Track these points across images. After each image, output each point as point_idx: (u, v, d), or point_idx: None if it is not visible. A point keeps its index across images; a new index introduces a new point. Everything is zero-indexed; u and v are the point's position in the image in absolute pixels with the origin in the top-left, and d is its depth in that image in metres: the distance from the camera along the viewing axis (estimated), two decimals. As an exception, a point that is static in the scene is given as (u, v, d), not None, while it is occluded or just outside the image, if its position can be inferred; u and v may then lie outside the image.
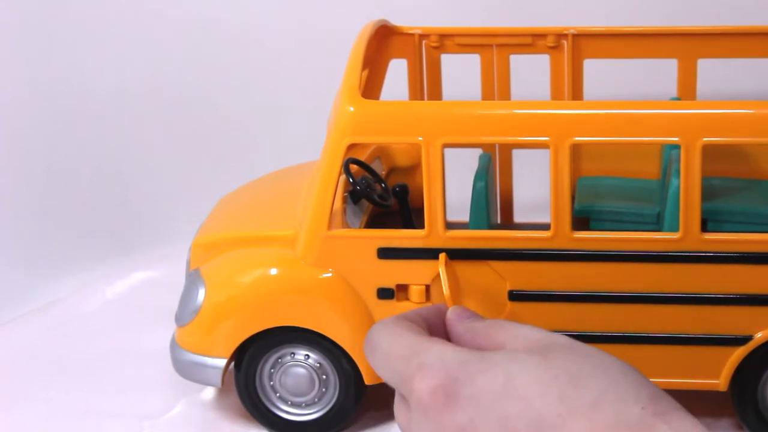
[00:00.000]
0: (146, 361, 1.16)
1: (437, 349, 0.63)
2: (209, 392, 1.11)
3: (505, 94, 1.14)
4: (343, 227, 1.00)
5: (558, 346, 0.63)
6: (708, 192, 0.96)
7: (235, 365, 1.03)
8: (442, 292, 0.96)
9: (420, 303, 0.98)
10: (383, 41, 1.13)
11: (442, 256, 0.95)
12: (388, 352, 0.65)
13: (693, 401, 0.99)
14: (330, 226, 0.98)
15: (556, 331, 0.95)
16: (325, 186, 0.97)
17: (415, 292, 0.98)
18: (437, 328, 0.68)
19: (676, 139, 0.91)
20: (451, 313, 0.70)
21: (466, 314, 0.70)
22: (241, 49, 1.38)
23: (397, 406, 0.65)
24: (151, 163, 1.41)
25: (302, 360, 1.02)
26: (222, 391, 1.10)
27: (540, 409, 0.58)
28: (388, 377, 0.65)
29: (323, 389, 1.03)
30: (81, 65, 1.37)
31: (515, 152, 1.16)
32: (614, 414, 0.57)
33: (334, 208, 0.98)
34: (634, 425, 0.56)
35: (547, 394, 0.58)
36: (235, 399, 1.06)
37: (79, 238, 1.38)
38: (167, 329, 1.08)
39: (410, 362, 0.63)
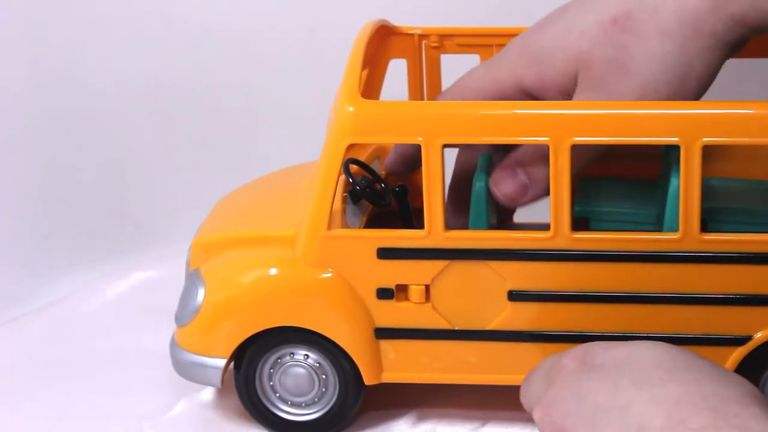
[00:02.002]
0: (146, 361, 1.15)
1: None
2: (209, 392, 1.11)
3: (505, 94, 1.14)
4: (343, 227, 1.00)
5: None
6: (708, 192, 0.95)
7: (235, 365, 1.03)
8: (443, 294, 0.97)
9: (420, 303, 0.98)
10: (383, 41, 1.13)
11: None
12: (540, 370, 0.87)
13: (693, 401, 0.99)
14: (330, 226, 0.98)
15: (556, 331, 0.97)
16: (325, 186, 0.97)
17: (415, 292, 0.98)
18: None
19: (676, 139, 0.91)
20: None
21: None
22: (240, 49, 1.38)
23: (530, 383, 0.87)
24: (151, 163, 1.41)
25: (302, 360, 1.02)
26: (222, 391, 1.10)
27: (646, 373, 0.76)
28: (538, 383, 0.85)
29: (323, 389, 1.03)
30: (81, 65, 1.37)
31: (515, 152, 1.16)
32: (711, 391, 0.73)
33: (334, 208, 0.98)
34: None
35: (660, 364, 0.77)
36: (235, 399, 1.05)
37: (79, 238, 1.38)
38: (167, 329, 1.08)
39: (558, 359, 0.84)
